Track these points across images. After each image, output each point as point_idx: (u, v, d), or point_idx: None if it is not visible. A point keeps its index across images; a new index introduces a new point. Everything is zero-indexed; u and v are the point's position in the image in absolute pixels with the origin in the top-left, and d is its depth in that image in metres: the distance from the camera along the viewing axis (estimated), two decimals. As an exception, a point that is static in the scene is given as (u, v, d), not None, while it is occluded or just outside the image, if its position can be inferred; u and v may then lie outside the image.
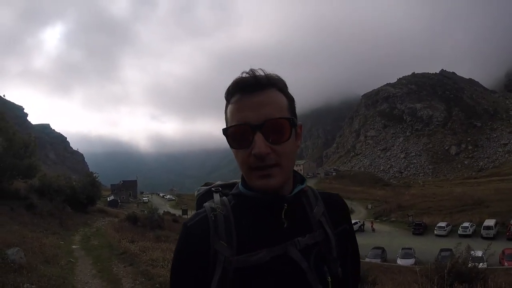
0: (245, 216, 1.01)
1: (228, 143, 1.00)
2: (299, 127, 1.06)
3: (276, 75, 1.02)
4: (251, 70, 0.99)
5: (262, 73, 0.99)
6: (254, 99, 0.97)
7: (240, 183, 1.08)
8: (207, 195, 1.14)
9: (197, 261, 0.97)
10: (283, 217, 1.00)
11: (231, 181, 1.17)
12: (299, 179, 1.10)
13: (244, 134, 0.96)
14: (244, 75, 0.99)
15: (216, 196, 1.08)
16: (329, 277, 1.00)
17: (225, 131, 0.99)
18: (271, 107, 0.96)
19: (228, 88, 1.01)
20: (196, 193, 1.19)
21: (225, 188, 1.14)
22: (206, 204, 1.05)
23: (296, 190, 1.05)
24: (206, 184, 1.22)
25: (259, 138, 0.94)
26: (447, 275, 5.48)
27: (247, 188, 1.02)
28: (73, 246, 13.48)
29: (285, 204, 1.01)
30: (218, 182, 1.20)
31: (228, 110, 1.01)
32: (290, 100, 1.03)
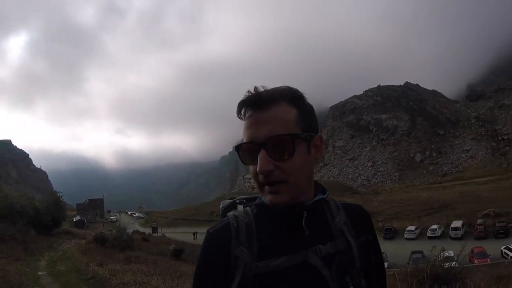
0: (267, 224, 1.02)
1: (240, 159, 1.04)
2: (318, 138, 1.05)
3: (284, 88, 1.03)
4: (255, 88, 1.01)
5: (263, 90, 1.01)
6: (258, 116, 0.99)
7: None
8: (231, 207, 1.15)
9: (218, 270, 0.99)
10: (303, 225, 1.01)
11: (255, 195, 1.17)
12: (320, 189, 1.11)
13: (251, 151, 0.99)
14: (248, 94, 1.01)
15: (240, 207, 1.10)
16: (351, 287, 0.99)
17: (236, 149, 1.03)
18: (274, 123, 0.97)
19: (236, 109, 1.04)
20: (221, 206, 1.20)
21: (250, 201, 1.15)
22: (230, 213, 1.07)
23: (316, 199, 1.06)
24: (231, 198, 1.23)
25: (261, 155, 0.96)
26: (426, 278, 5.54)
27: None
28: (39, 273, 12.63)
29: (305, 212, 1.01)
30: (243, 196, 1.22)
31: (242, 128, 1.04)
32: (303, 111, 1.03)
